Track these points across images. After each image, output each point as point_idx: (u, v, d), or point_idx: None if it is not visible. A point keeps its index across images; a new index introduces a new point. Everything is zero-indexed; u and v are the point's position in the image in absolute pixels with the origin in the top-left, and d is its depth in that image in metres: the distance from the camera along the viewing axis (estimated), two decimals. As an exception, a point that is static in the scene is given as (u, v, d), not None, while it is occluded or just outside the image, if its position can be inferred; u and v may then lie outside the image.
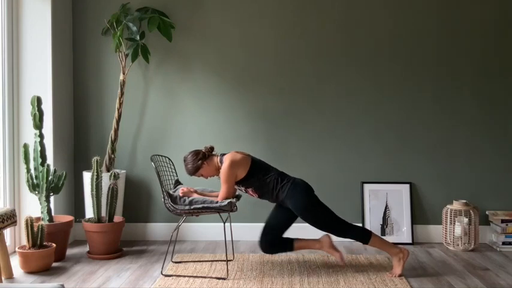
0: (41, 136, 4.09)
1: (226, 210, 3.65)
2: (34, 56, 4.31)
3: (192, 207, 3.63)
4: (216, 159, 3.76)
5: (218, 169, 3.75)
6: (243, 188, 3.78)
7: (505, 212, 4.50)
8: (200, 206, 3.63)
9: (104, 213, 4.19)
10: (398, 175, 4.64)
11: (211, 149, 3.81)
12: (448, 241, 4.45)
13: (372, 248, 4.23)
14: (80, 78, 4.70)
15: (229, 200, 3.64)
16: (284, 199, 3.69)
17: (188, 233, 4.65)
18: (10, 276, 3.62)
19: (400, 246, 3.76)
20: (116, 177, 4.18)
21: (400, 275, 3.65)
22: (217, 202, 3.65)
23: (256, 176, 3.69)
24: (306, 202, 3.67)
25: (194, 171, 3.75)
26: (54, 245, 3.87)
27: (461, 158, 4.61)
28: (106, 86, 4.69)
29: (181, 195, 3.73)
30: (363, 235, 3.72)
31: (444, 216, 4.49)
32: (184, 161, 3.79)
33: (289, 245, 3.77)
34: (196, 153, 3.76)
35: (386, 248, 3.73)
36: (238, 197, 3.82)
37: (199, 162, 3.72)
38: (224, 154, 3.76)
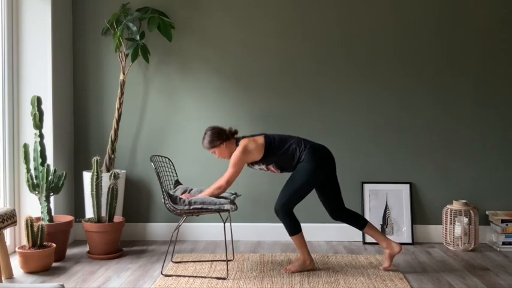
0: (41, 136, 4.09)
1: (226, 210, 3.65)
2: (34, 56, 4.31)
3: (191, 207, 3.63)
4: (234, 144, 3.77)
5: (232, 153, 3.76)
6: (264, 166, 3.77)
7: (505, 212, 4.50)
8: (200, 206, 3.63)
9: (104, 213, 4.19)
10: (398, 175, 4.64)
11: (235, 132, 3.81)
12: (448, 241, 4.44)
13: (372, 248, 4.23)
14: (80, 78, 4.70)
15: (229, 204, 3.64)
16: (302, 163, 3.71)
17: (188, 233, 4.65)
18: (10, 276, 3.62)
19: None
20: (116, 177, 4.18)
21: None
22: (216, 203, 3.65)
23: (273, 155, 3.70)
24: (311, 166, 3.67)
25: (210, 146, 3.75)
26: (54, 245, 3.87)
27: (461, 158, 4.61)
28: (106, 86, 4.69)
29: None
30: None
31: (444, 216, 4.49)
32: (205, 133, 3.78)
33: (362, 223, 3.81)
34: (219, 132, 3.75)
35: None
36: (237, 195, 3.84)
37: (218, 142, 3.72)
38: (241, 138, 3.76)
